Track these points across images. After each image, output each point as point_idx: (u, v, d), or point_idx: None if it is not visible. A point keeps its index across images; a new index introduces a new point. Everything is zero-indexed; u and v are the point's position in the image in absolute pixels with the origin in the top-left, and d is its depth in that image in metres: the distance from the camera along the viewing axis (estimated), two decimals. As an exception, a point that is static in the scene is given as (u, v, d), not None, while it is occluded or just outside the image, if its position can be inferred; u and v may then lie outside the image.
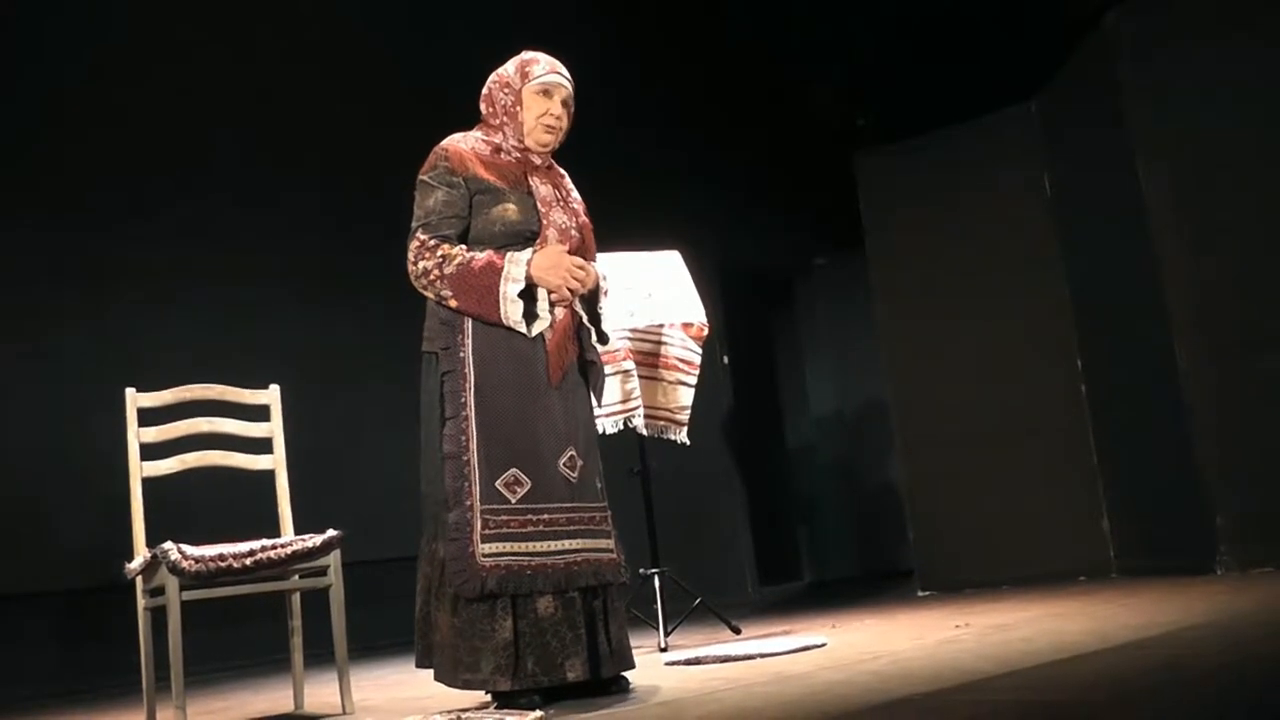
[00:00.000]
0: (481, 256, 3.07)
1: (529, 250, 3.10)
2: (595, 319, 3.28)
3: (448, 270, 3.06)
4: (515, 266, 3.05)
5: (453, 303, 3.07)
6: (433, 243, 3.09)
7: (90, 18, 6.00)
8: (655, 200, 7.18)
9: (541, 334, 3.10)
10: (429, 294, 3.12)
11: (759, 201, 8.43)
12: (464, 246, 3.11)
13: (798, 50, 7.74)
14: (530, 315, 3.07)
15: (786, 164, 8.24)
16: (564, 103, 3.26)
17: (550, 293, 3.10)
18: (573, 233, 3.22)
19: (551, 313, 3.11)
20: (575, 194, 3.37)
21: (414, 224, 3.15)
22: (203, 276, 6.30)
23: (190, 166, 6.35)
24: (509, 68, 3.31)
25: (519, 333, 3.07)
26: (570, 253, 3.16)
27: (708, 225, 7.63)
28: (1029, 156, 5.82)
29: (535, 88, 3.24)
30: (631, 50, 7.29)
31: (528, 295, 3.07)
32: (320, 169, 6.68)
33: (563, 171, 3.40)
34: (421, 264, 3.09)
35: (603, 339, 3.31)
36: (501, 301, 3.04)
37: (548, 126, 3.23)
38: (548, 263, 3.08)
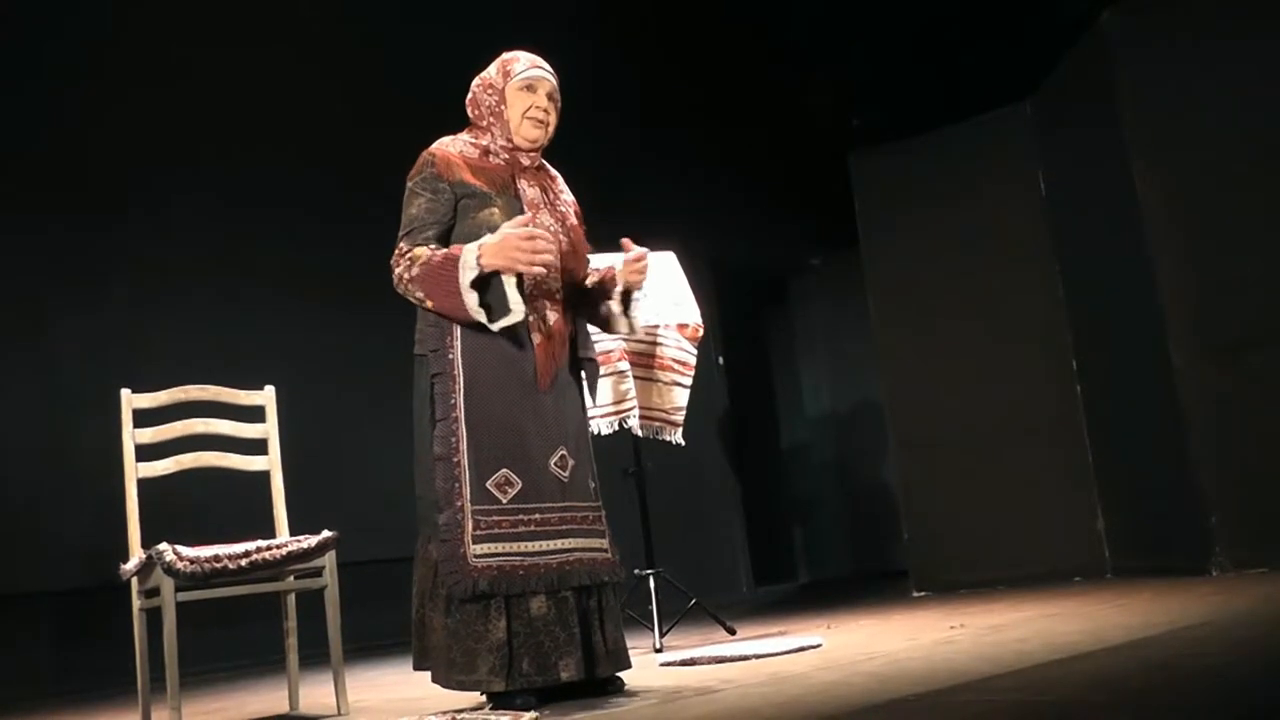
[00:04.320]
0: (442, 251, 3.02)
1: (485, 237, 3.00)
2: (627, 306, 3.27)
3: (415, 271, 3.02)
4: (470, 254, 2.96)
5: (429, 303, 3.03)
6: (407, 249, 3.06)
7: (88, 16, 5.99)
8: (650, 201, 7.18)
9: (531, 338, 3.08)
10: (410, 299, 3.09)
11: (754, 202, 8.43)
12: (434, 246, 3.06)
13: (793, 50, 7.74)
14: (499, 304, 2.96)
15: (782, 164, 8.25)
16: (549, 96, 3.23)
17: (525, 276, 2.99)
18: (560, 236, 3.19)
19: (522, 293, 3.00)
20: (566, 195, 3.34)
21: (399, 232, 3.13)
22: (198, 277, 6.30)
23: (186, 166, 6.35)
24: (491, 69, 3.29)
25: (506, 334, 3.04)
26: (559, 255, 3.15)
27: (703, 226, 7.64)
28: (1024, 156, 5.83)
29: (518, 84, 3.22)
30: (627, 50, 7.28)
31: (494, 285, 2.97)
32: (317, 169, 6.68)
33: (554, 173, 3.38)
34: (398, 271, 3.06)
35: (633, 329, 3.32)
36: (463, 293, 2.95)
37: (535, 121, 3.20)
38: (494, 244, 2.95)
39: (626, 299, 3.29)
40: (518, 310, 2.96)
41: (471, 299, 2.95)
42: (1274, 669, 2.29)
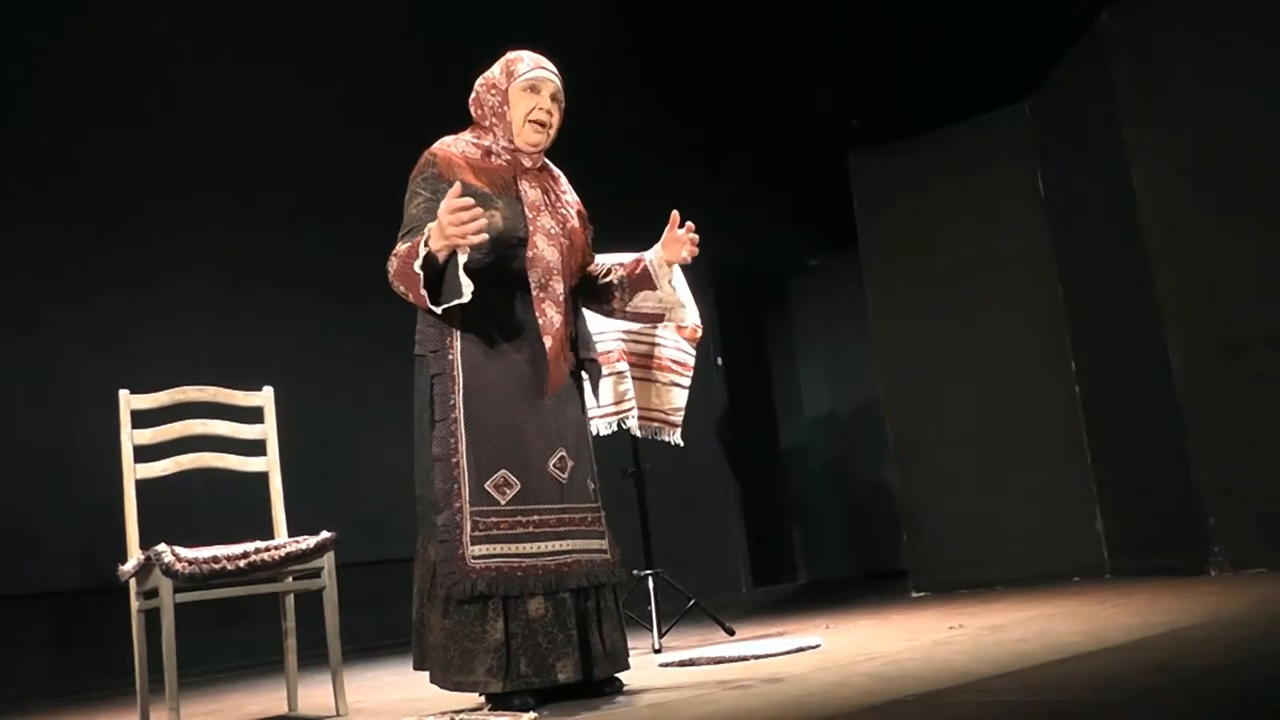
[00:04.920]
0: (408, 244, 2.98)
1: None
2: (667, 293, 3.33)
3: (394, 266, 3.01)
4: (423, 244, 2.92)
5: (410, 297, 3.00)
6: (396, 247, 3.06)
7: (87, 15, 5.99)
8: (649, 201, 7.16)
9: (542, 341, 3.07)
10: (399, 295, 3.07)
11: (753, 202, 8.43)
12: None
13: (792, 50, 7.74)
14: (453, 289, 2.90)
15: (780, 164, 8.24)
16: (552, 97, 3.22)
17: (463, 250, 2.91)
18: (561, 239, 3.18)
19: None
20: (569, 195, 3.34)
21: (399, 232, 3.11)
22: (197, 278, 6.29)
23: (184, 166, 6.35)
24: (494, 69, 3.28)
25: (508, 335, 3.05)
26: (560, 257, 3.15)
27: (701, 226, 7.60)
28: (1022, 157, 5.83)
29: (522, 85, 3.20)
30: (625, 50, 7.28)
31: (450, 268, 2.92)
32: (316, 169, 6.67)
33: (558, 172, 3.37)
34: (388, 272, 3.06)
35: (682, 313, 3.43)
36: (418, 277, 2.91)
37: (538, 124, 3.19)
38: (435, 225, 2.90)
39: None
40: (465, 292, 2.89)
41: (420, 280, 2.90)
42: (1273, 670, 2.29)
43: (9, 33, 5.82)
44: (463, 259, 2.90)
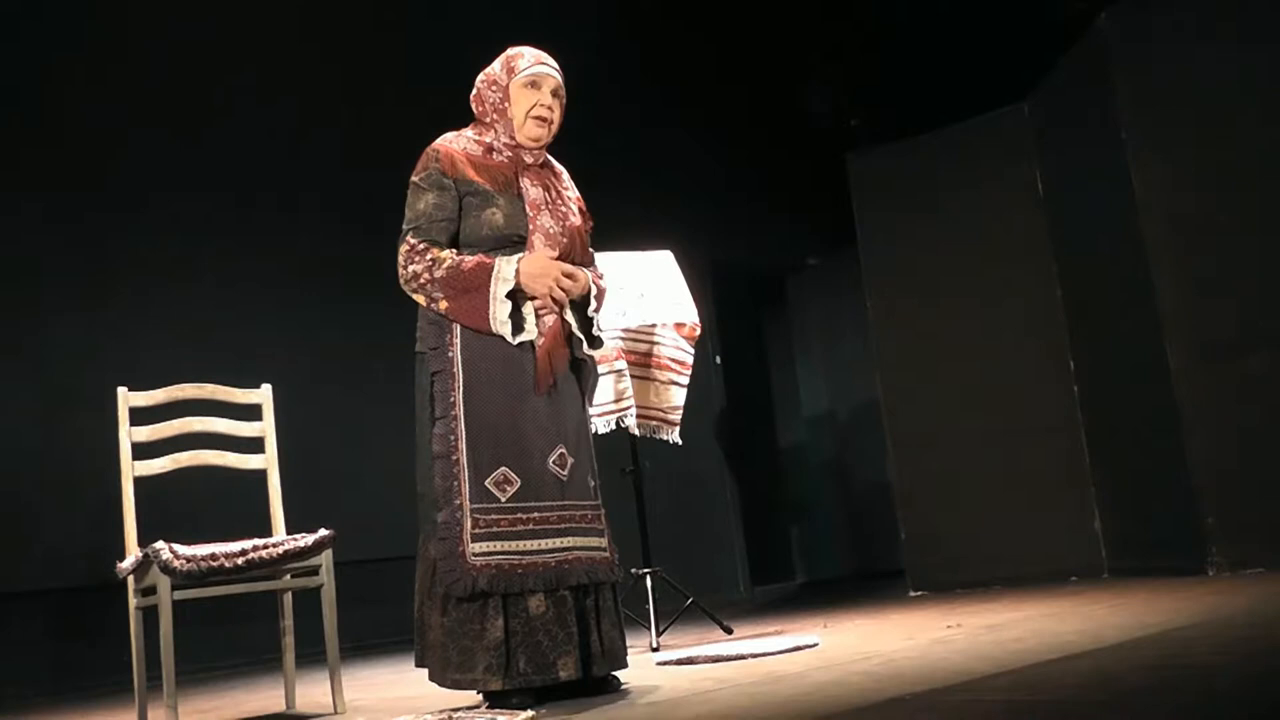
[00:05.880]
0: (472, 258, 3.06)
1: (521, 253, 3.08)
2: (586, 324, 3.21)
3: (438, 273, 3.04)
4: (507, 266, 3.04)
5: (443, 304, 3.04)
6: (422, 246, 3.08)
7: (89, 14, 5.99)
8: (648, 200, 7.18)
9: (531, 342, 3.08)
10: (419, 297, 3.09)
11: (752, 201, 8.44)
12: (454, 250, 3.09)
13: (791, 50, 7.75)
14: (517, 321, 3.04)
15: (779, 164, 8.25)
16: (554, 93, 3.23)
17: (534, 299, 3.07)
18: (561, 238, 3.18)
19: (538, 322, 3.08)
20: (571, 192, 3.33)
21: (405, 227, 3.13)
22: (196, 275, 6.29)
23: (184, 164, 6.34)
24: (495, 65, 3.29)
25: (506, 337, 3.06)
26: (558, 257, 3.15)
27: (700, 225, 7.64)
28: (1022, 157, 5.83)
29: (522, 81, 3.21)
30: (625, 50, 7.29)
31: (515, 300, 3.05)
32: (315, 167, 6.67)
33: (560, 169, 3.37)
34: (411, 268, 3.07)
35: (594, 344, 3.23)
36: (491, 302, 3.01)
37: (539, 119, 3.20)
38: (535, 269, 3.05)
39: (579, 313, 3.21)
40: (531, 332, 3.05)
41: (504, 310, 3.02)
42: (1269, 669, 2.29)
43: (9, 32, 5.82)
44: (537, 302, 3.07)
